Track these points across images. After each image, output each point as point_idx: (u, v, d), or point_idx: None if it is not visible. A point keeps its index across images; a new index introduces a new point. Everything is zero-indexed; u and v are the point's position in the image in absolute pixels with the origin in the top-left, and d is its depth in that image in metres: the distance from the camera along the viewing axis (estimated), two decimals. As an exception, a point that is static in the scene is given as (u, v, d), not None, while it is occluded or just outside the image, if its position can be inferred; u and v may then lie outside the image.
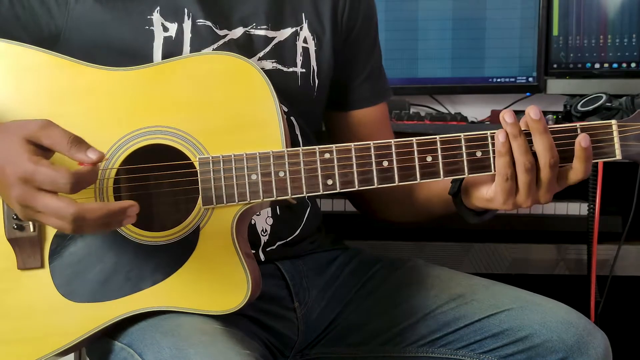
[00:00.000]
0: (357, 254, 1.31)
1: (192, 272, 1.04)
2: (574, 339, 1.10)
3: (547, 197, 1.03)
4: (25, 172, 0.88)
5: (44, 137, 0.90)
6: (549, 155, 1.00)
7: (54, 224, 0.90)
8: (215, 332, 1.00)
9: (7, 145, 0.89)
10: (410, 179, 1.03)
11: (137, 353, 1.02)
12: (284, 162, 1.03)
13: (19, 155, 0.88)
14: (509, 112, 1.01)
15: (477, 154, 1.03)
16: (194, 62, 1.06)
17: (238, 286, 1.03)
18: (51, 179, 0.87)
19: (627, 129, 1.02)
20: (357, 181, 1.03)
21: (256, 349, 1.03)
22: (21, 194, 0.88)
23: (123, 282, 1.04)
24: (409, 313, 1.19)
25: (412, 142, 1.03)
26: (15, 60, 1.05)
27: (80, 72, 1.05)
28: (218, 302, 1.04)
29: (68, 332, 1.04)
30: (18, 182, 0.88)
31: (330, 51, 1.25)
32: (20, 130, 0.90)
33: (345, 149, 1.03)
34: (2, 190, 0.91)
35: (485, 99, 2.04)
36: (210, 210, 1.04)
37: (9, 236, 1.04)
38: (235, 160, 1.03)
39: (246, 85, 1.04)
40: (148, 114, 1.04)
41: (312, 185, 1.03)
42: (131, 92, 1.05)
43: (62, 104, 1.05)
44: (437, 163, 1.03)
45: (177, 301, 1.04)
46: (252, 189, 1.03)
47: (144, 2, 1.12)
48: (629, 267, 1.66)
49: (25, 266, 1.04)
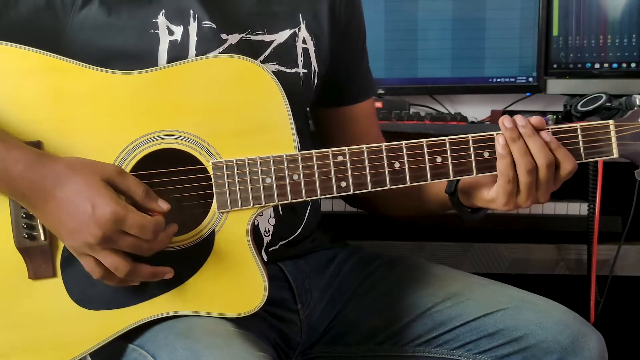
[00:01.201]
0: (357, 251, 1.31)
1: (209, 277, 1.04)
2: (569, 340, 1.10)
3: (546, 197, 1.07)
4: (118, 214, 0.93)
5: (121, 183, 0.97)
6: (542, 156, 1.04)
7: (112, 263, 0.96)
8: (229, 334, 1.00)
9: (87, 183, 0.95)
10: (421, 179, 1.06)
11: (150, 354, 1.02)
12: (297, 165, 1.03)
13: (103, 196, 0.94)
14: (507, 117, 1.06)
15: (484, 155, 1.06)
16: (203, 65, 1.05)
17: (255, 288, 1.04)
18: (140, 224, 0.94)
19: (623, 129, 1.07)
20: (370, 183, 1.05)
21: (269, 350, 1.04)
22: (106, 232, 0.93)
23: (138, 289, 1.03)
24: (405, 311, 1.20)
25: (423, 144, 1.05)
26: (19, 63, 1.03)
27: (85, 76, 1.03)
28: (235, 305, 1.04)
29: (83, 340, 1.03)
30: (107, 222, 0.93)
31: (327, 50, 1.25)
32: (95, 171, 0.96)
33: (358, 152, 1.04)
34: (76, 224, 0.94)
35: (485, 99, 2.04)
36: (225, 215, 1.04)
37: (20, 245, 1.01)
38: (249, 165, 1.03)
39: (257, 88, 1.04)
40: (157, 118, 1.03)
41: (326, 188, 1.04)
42: (139, 96, 1.03)
43: (67, 107, 1.02)
44: (446, 164, 1.05)
45: (193, 306, 1.04)
46: (267, 192, 1.03)
47: (149, 6, 1.10)
48: (629, 267, 1.66)
49: (37, 276, 1.02)
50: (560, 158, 1.06)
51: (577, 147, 1.07)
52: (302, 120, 1.25)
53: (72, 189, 0.95)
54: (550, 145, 1.05)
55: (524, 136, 1.05)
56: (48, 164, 0.96)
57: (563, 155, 1.06)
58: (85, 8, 1.08)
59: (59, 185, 0.95)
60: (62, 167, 0.96)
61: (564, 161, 1.06)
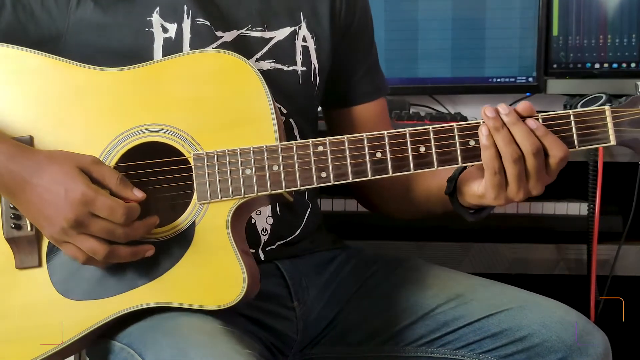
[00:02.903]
0: (357, 253, 1.31)
1: (189, 268, 1.04)
2: (573, 339, 1.10)
3: (538, 188, 1.03)
4: (87, 196, 0.97)
5: (95, 171, 1.00)
6: (527, 143, 1.00)
7: (90, 248, 0.98)
8: (215, 332, 1.00)
9: (63, 170, 0.99)
10: (404, 169, 1.03)
11: (137, 353, 1.02)
12: (277, 156, 1.03)
13: (76, 181, 0.98)
14: (489, 107, 1.02)
15: (470, 143, 1.03)
16: (187, 60, 1.07)
17: (234, 281, 1.03)
18: (109, 207, 0.97)
19: (621, 114, 1.02)
20: (350, 173, 1.03)
21: (256, 348, 1.03)
22: (78, 215, 0.97)
23: (120, 279, 1.04)
24: (408, 313, 1.20)
25: (405, 133, 1.03)
26: (14, 64, 1.07)
27: (75, 73, 1.06)
28: (214, 297, 1.04)
29: (66, 330, 1.04)
30: (78, 204, 0.97)
31: (329, 49, 1.25)
32: (71, 160, 1.00)
33: (339, 142, 1.04)
34: (51, 210, 0.98)
35: (485, 99, 2.04)
36: (206, 206, 1.04)
37: (7, 235, 1.04)
38: (229, 156, 1.04)
39: (239, 81, 1.05)
40: (143, 113, 1.05)
41: (306, 179, 1.04)
42: (126, 91, 1.06)
43: (58, 105, 1.06)
44: (430, 153, 1.03)
45: (173, 297, 1.04)
46: (247, 183, 1.03)
47: (143, 4, 1.12)
48: (629, 267, 1.66)
49: (23, 265, 1.05)
50: (549, 145, 1.01)
51: (570, 135, 1.02)
52: (306, 119, 1.25)
53: (48, 176, 0.99)
54: (537, 132, 1.01)
55: (507, 124, 1.01)
56: (29, 155, 1.01)
57: (552, 141, 1.01)
58: (79, 8, 1.10)
59: (37, 173, 0.99)
60: (41, 157, 1.01)
61: (552, 148, 1.01)
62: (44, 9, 1.10)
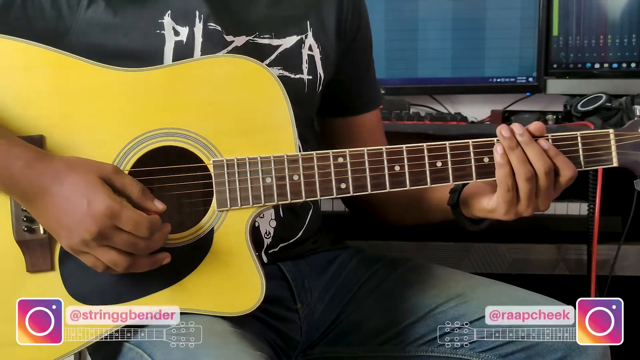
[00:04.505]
0: (358, 252, 1.31)
1: (206, 275, 1.04)
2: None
3: (546, 205, 1.08)
4: (112, 209, 0.94)
5: (117, 181, 0.98)
6: (540, 163, 1.04)
7: (111, 260, 0.96)
8: (225, 333, 1.01)
9: (84, 180, 0.96)
10: (421, 183, 1.06)
11: (147, 353, 1.02)
12: (298, 165, 1.04)
13: (99, 192, 0.95)
14: (505, 126, 1.06)
15: (484, 160, 1.06)
16: (207, 65, 1.05)
17: (252, 288, 1.04)
18: (135, 221, 0.95)
19: (623, 138, 1.07)
20: (369, 185, 1.05)
21: (265, 349, 1.03)
22: (102, 228, 0.94)
23: (135, 285, 1.03)
24: (408, 312, 1.20)
25: (423, 148, 1.05)
26: (24, 58, 1.04)
27: (91, 72, 1.04)
28: (232, 303, 1.04)
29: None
30: (102, 216, 0.94)
31: (333, 58, 1.26)
32: (93, 169, 0.97)
33: (358, 154, 1.05)
34: (71, 220, 0.95)
35: (485, 99, 2.04)
36: (225, 213, 1.04)
37: (18, 238, 1.02)
38: (249, 164, 1.03)
39: (259, 88, 1.05)
40: (160, 116, 1.04)
41: (325, 189, 1.04)
42: (143, 93, 1.04)
43: (72, 103, 1.03)
44: (446, 168, 1.06)
45: (190, 303, 1.04)
46: (267, 192, 1.04)
47: (155, 6, 1.11)
48: (629, 267, 1.66)
49: (35, 269, 1.03)
50: (560, 165, 1.06)
51: (577, 155, 1.07)
52: (307, 126, 1.25)
53: (69, 185, 0.96)
54: (548, 153, 1.05)
55: (521, 144, 1.05)
56: (47, 161, 0.97)
57: (562, 162, 1.06)
58: (90, 8, 1.09)
59: (57, 182, 0.96)
60: (61, 165, 0.97)
61: (563, 168, 1.06)
62: (54, 7, 1.08)
